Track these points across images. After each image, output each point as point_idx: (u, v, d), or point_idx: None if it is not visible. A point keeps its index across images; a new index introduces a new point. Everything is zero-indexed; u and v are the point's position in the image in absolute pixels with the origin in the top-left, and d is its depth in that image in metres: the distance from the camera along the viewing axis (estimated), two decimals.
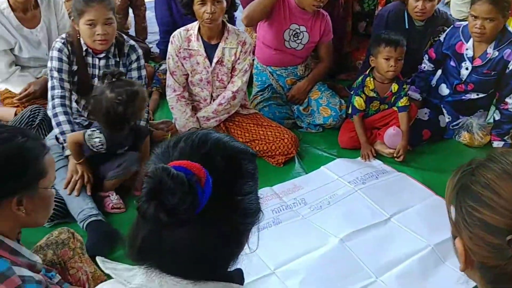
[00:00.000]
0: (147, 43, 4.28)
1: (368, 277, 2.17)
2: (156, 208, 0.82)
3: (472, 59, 3.01)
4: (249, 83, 3.12)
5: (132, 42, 2.77)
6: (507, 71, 2.97)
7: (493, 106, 3.26)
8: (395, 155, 2.97)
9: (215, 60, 2.84)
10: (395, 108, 3.07)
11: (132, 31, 4.35)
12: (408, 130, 3.00)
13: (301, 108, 3.34)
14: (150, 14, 4.45)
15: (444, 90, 3.22)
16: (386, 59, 2.94)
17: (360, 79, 3.10)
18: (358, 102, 3.06)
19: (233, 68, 2.89)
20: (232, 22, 3.88)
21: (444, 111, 3.23)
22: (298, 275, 2.14)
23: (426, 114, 3.21)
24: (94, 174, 2.49)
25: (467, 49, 3.02)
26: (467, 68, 3.05)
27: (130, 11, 4.29)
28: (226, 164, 0.92)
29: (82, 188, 2.42)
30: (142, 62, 2.78)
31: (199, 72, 2.88)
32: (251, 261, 1.02)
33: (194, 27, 2.83)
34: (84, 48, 2.61)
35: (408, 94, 3.12)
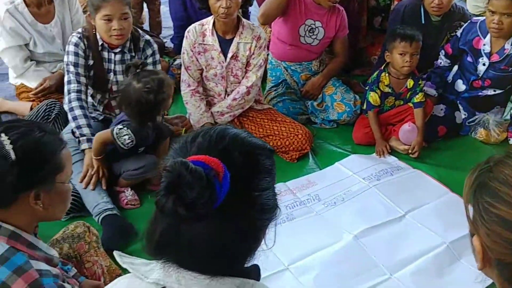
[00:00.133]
0: (161, 38, 4.29)
1: (382, 274, 2.15)
2: (175, 202, 0.82)
3: (489, 55, 2.98)
4: (263, 78, 3.11)
5: (148, 37, 2.78)
6: None
7: (510, 103, 3.22)
8: (410, 151, 2.94)
9: (229, 55, 2.83)
10: (410, 104, 3.05)
11: (146, 26, 4.36)
12: (423, 126, 2.97)
13: (315, 103, 3.33)
14: (164, 9, 4.45)
15: (461, 86, 3.19)
16: (401, 54, 2.91)
17: (375, 74, 3.08)
18: (373, 97, 3.03)
19: (247, 63, 2.89)
20: (246, 17, 3.87)
21: (460, 107, 3.19)
22: (312, 271, 2.14)
23: (442, 110, 3.18)
24: (109, 169, 2.51)
25: (484, 44, 2.98)
26: (484, 64, 3.01)
27: (145, 5, 4.30)
28: (244, 159, 0.91)
29: (97, 182, 2.44)
30: (158, 57, 2.79)
31: (214, 67, 2.88)
32: (267, 257, 1.02)
33: (209, 21, 2.83)
34: (100, 42, 2.62)
35: (424, 90, 3.09)
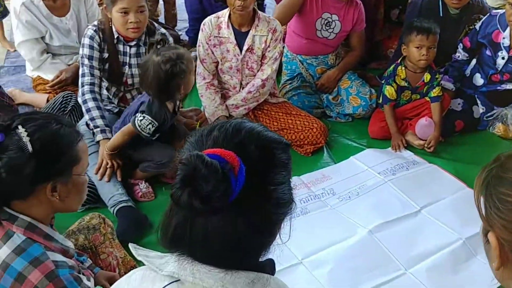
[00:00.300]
0: (177, 31, 4.29)
1: (397, 269, 2.14)
2: (190, 195, 0.82)
3: (508, 49, 2.93)
4: (278, 72, 3.10)
5: (163, 30, 2.78)
6: None
7: None
8: (425, 145, 2.91)
9: (245, 47, 2.82)
10: (427, 98, 3.01)
11: (161, 18, 4.37)
12: (440, 121, 2.93)
13: (330, 97, 3.30)
14: (179, 1, 4.45)
15: (479, 80, 3.14)
16: (418, 48, 2.87)
17: (391, 68, 3.04)
18: (389, 91, 3.00)
19: (263, 56, 2.87)
20: (261, 9, 3.84)
21: (478, 102, 3.15)
22: (326, 266, 2.13)
23: (459, 104, 3.14)
24: (124, 161, 2.52)
25: (503, 38, 2.93)
26: (503, 58, 2.97)
27: None
28: (260, 153, 0.91)
29: (112, 174, 2.45)
30: None
31: (229, 60, 2.87)
32: (282, 250, 1.01)
33: (224, 14, 2.82)
34: (115, 35, 2.63)
35: (441, 84, 3.05)
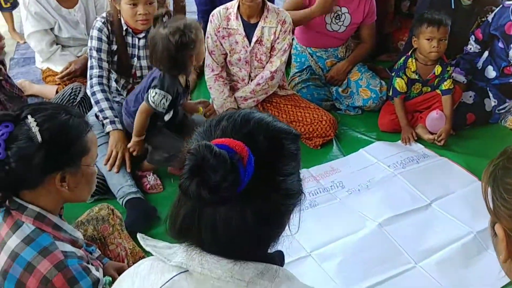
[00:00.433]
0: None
1: (407, 262, 2.13)
2: (198, 185, 0.81)
3: None
4: (287, 64, 3.08)
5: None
6: None
7: None
8: (436, 138, 2.88)
9: (254, 39, 2.80)
10: (438, 91, 2.98)
11: None
12: (452, 114, 2.90)
13: (340, 89, 3.28)
14: None
15: (491, 73, 3.10)
16: (429, 40, 2.83)
17: (401, 60, 3.01)
18: (399, 84, 2.97)
19: (272, 48, 2.85)
20: (270, 0, 3.82)
21: (490, 95, 3.11)
22: (335, 258, 2.12)
23: (471, 97, 3.10)
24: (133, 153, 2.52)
25: None
26: None
27: None
28: (269, 144, 0.90)
29: (121, 165, 2.45)
30: None
31: (238, 52, 2.85)
32: (291, 242, 1.01)
33: (233, 5, 2.80)
34: (124, 27, 2.62)
35: (452, 77, 3.01)
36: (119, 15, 2.60)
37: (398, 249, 2.18)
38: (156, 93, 2.32)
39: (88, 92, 2.61)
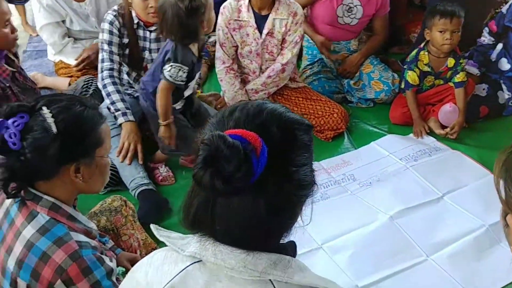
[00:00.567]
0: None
1: (418, 255, 2.12)
2: (212, 176, 0.81)
3: None
4: (298, 56, 3.06)
5: None
6: None
7: None
8: (448, 131, 2.86)
9: (265, 31, 2.79)
10: (451, 83, 2.95)
11: None
12: (465, 107, 2.87)
13: (351, 82, 3.26)
14: None
15: (505, 65, 3.06)
16: (441, 32, 2.80)
17: (414, 52, 2.98)
18: (411, 76, 2.95)
19: (283, 40, 2.84)
20: None
21: (504, 87, 3.07)
22: (347, 251, 2.12)
23: (484, 90, 3.07)
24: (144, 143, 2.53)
25: None
26: None
27: None
28: (281, 134, 0.90)
29: (134, 157, 2.46)
30: None
31: (249, 44, 2.85)
32: (303, 234, 1.01)
33: None
34: (135, 21, 2.62)
35: (466, 69, 2.98)
36: (130, 8, 2.60)
37: (409, 242, 2.18)
38: (171, 66, 2.27)
39: (99, 85, 2.62)
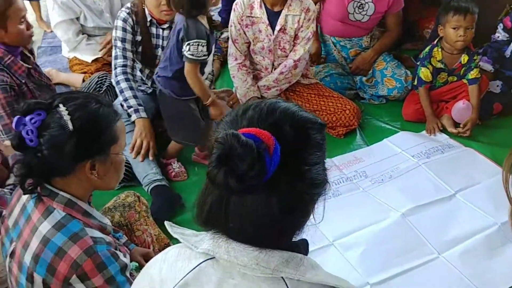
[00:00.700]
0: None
1: (430, 253, 2.12)
2: (226, 174, 0.82)
3: None
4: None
5: None
6: None
7: None
8: (461, 129, 2.84)
9: (277, 28, 2.79)
10: (464, 80, 2.93)
11: None
12: (478, 104, 2.85)
13: (364, 79, 3.25)
14: None
15: None
16: (455, 29, 2.78)
17: (427, 49, 2.97)
18: (424, 73, 2.93)
19: (295, 36, 2.84)
20: None
21: None
22: (358, 248, 2.12)
23: (498, 86, 3.05)
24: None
25: None
26: None
27: None
28: (295, 133, 0.91)
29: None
30: None
31: (261, 40, 2.85)
32: (315, 231, 1.01)
33: None
34: (148, 18, 2.63)
35: (479, 66, 2.96)
36: (143, 5, 2.62)
37: (421, 239, 2.17)
38: (189, 45, 2.25)
39: (113, 82, 2.64)
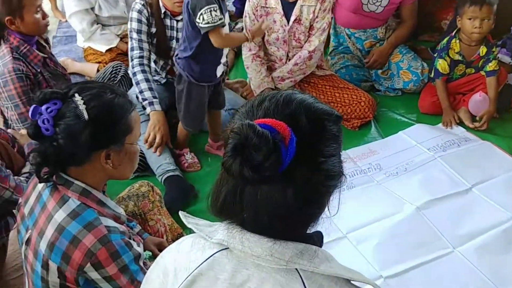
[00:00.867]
0: None
1: (445, 247, 2.10)
2: (241, 164, 0.82)
3: None
4: (326, 44, 3.03)
5: None
6: None
7: None
8: (477, 119, 2.80)
9: (292, 18, 2.77)
10: (482, 72, 2.88)
11: None
12: (496, 96, 2.81)
13: (379, 71, 3.21)
14: None
15: None
16: (471, 19, 2.73)
17: (445, 40, 2.92)
18: (442, 65, 2.89)
19: (310, 27, 2.81)
20: None
21: None
22: (372, 241, 2.11)
23: None
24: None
25: None
26: None
27: None
28: (310, 125, 0.90)
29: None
30: None
31: (276, 31, 2.83)
32: (330, 224, 1.01)
33: None
34: (162, 10, 2.62)
35: (498, 58, 2.91)
36: None
37: (436, 233, 2.15)
38: (201, 14, 2.17)
39: (130, 73, 2.65)
